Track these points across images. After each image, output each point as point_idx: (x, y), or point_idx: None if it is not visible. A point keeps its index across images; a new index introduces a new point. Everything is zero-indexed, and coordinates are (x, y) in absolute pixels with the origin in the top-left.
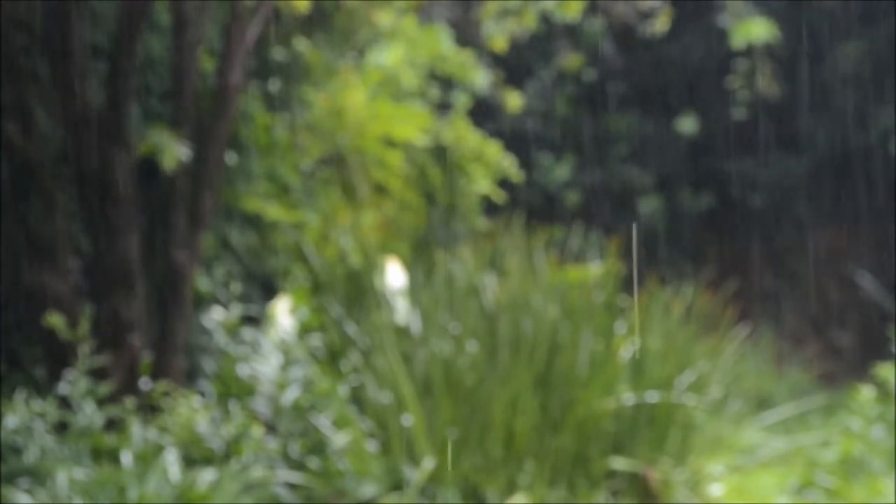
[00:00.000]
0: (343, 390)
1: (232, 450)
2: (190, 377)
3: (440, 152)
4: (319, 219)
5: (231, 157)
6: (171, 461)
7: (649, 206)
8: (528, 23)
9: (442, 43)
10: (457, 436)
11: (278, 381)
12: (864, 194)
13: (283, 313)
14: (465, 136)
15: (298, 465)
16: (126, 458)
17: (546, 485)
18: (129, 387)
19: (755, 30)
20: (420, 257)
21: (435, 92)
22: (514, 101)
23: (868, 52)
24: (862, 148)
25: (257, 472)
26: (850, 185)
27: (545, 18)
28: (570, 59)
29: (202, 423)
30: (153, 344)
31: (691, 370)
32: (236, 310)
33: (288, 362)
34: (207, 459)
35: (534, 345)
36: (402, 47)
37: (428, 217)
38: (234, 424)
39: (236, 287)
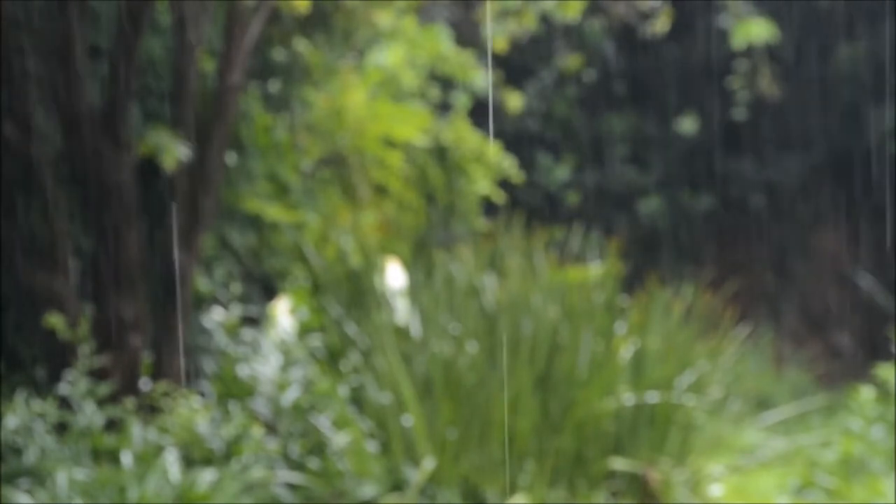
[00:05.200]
0: (343, 390)
1: (232, 450)
2: (190, 377)
3: (440, 152)
4: (319, 219)
5: (231, 158)
6: (171, 461)
7: (649, 206)
8: (528, 23)
9: (442, 43)
10: (457, 436)
11: (278, 382)
12: (864, 194)
13: (283, 313)
14: (465, 136)
15: (298, 466)
16: (126, 458)
17: (546, 485)
18: (129, 387)
19: (755, 30)
20: (420, 257)
21: (435, 92)
22: (514, 101)
23: (868, 52)
24: (862, 148)
25: (257, 473)
26: (850, 185)
27: (545, 18)
28: (570, 60)
29: (202, 424)
30: (153, 344)
31: (691, 370)
32: (236, 310)
33: (288, 362)
34: (207, 460)
35: (534, 345)
36: (402, 47)
37: (428, 217)
38: (234, 425)
39: (236, 287)
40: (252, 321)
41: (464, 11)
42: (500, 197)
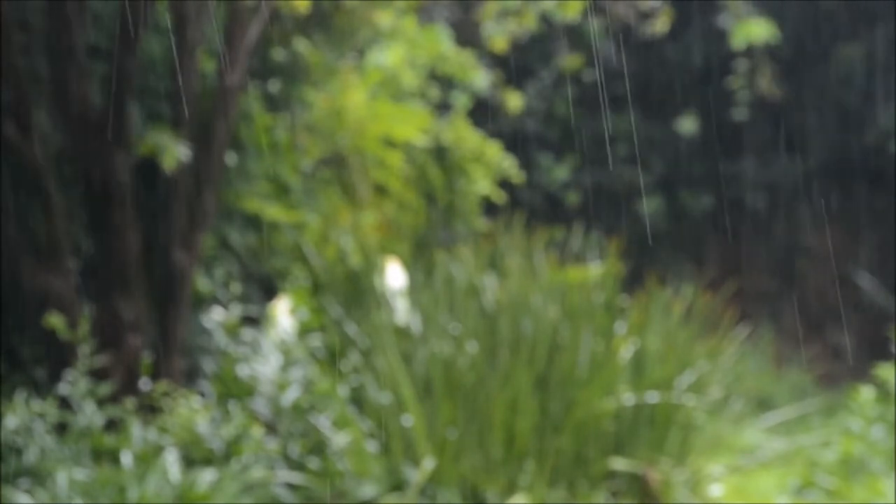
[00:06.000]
0: (343, 390)
1: (232, 450)
2: (190, 377)
3: (440, 152)
4: (319, 219)
5: (231, 157)
6: (171, 461)
7: (649, 206)
8: (528, 23)
9: (442, 43)
10: (457, 436)
11: (278, 382)
12: (864, 194)
13: (283, 313)
14: (465, 136)
15: (298, 466)
16: (126, 458)
17: (546, 485)
18: (129, 387)
19: (755, 30)
20: (420, 257)
21: (435, 92)
22: (514, 101)
23: (868, 52)
24: (862, 148)
25: (257, 473)
26: (850, 186)
27: (545, 18)
28: (570, 59)
29: (202, 424)
30: (153, 344)
31: (691, 370)
32: (236, 310)
33: (288, 362)
34: (207, 459)
35: (534, 345)
36: (402, 47)
37: (428, 217)
38: (234, 425)
39: (236, 287)
40: (252, 321)
41: (464, 11)
42: (500, 197)
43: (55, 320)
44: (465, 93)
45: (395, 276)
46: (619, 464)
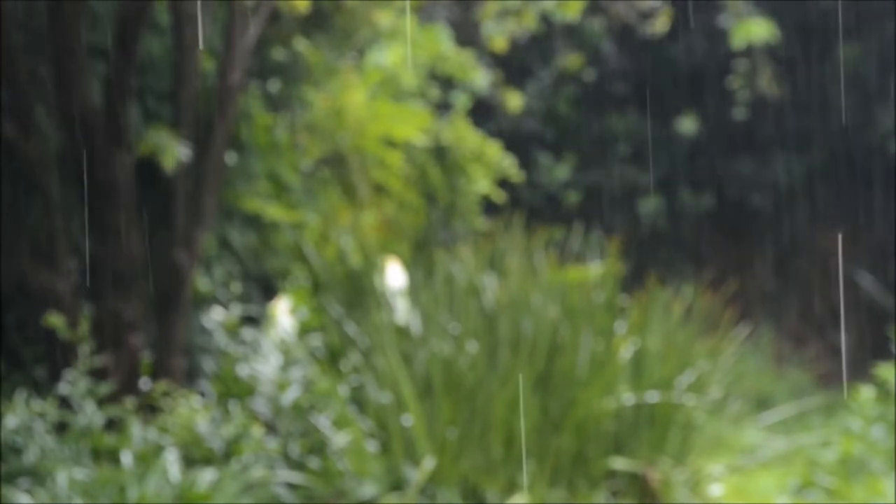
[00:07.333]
0: (343, 390)
1: (232, 450)
2: (190, 377)
3: (440, 152)
4: (319, 219)
5: (231, 157)
6: (171, 461)
7: (649, 206)
8: (528, 23)
9: (442, 43)
10: (457, 436)
11: (278, 381)
12: (864, 195)
13: (283, 313)
14: (465, 136)
15: (298, 465)
16: (126, 458)
17: (546, 485)
18: (129, 387)
19: (755, 30)
20: (420, 257)
21: (435, 92)
22: (514, 101)
23: (868, 52)
24: (862, 148)
25: (257, 472)
26: (850, 186)
27: (545, 18)
28: (570, 59)
29: (202, 423)
30: (153, 344)
31: (691, 370)
32: (236, 310)
33: (288, 362)
34: (207, 459)
35: (534, 345)
36: (402, 47)
37: (428, 217)
38: (234, 424)
39: (236, 287)
40: (252, 321)
41: (464, 11)
42: (500, 197)
43: (55, 320)
44: (465, 93)
45: (395, 276)
46: (619, 463)
